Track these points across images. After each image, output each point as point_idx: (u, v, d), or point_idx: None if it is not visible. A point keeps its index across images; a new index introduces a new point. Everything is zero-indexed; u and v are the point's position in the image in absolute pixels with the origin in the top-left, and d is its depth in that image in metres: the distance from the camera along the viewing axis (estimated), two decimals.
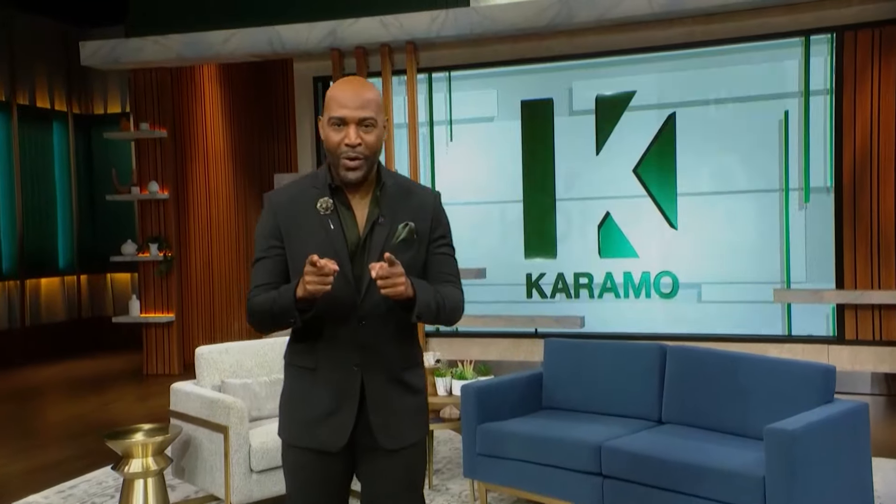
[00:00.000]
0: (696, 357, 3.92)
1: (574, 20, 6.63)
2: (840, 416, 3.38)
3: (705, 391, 3.82)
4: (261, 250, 2.24)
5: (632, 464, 3.52)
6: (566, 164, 7.20)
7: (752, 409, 3.64)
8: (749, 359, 3.81)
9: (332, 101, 2.17)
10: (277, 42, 7.39)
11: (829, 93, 6.45)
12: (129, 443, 3.84)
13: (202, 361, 4.26)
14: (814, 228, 6.52)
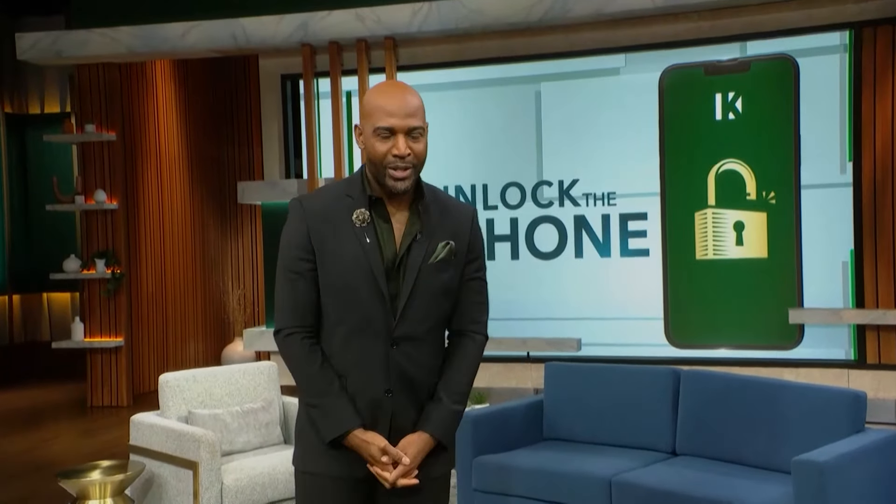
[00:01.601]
0: (713, 382, 3.97)
1: (569, 14, 6.70)
2: (873, 446, 3.44)
3: (724, 420, 3.87)
4: (291, 265, 2.25)
5: (645, 500, 3.56)
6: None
7: (775, 440, 3.69)
8: (771, 384, 3.88)
9: (379, 109, 2.20)
10: (242, 36, 7.39)
11: (846, 91, 6.58)
12: (84, 482, 3.80)
13: (166, 390, 4.22)
14: (831, 237, 6.63)
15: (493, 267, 7.36)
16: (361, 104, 2.30)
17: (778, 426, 3.70)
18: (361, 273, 2.20)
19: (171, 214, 9.18)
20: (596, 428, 4.22)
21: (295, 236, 2.25)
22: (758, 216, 6.77)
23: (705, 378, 4.02)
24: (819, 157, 6.65)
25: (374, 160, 2.22)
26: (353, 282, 2.20)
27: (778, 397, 3.76)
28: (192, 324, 9.46)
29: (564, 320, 7.26)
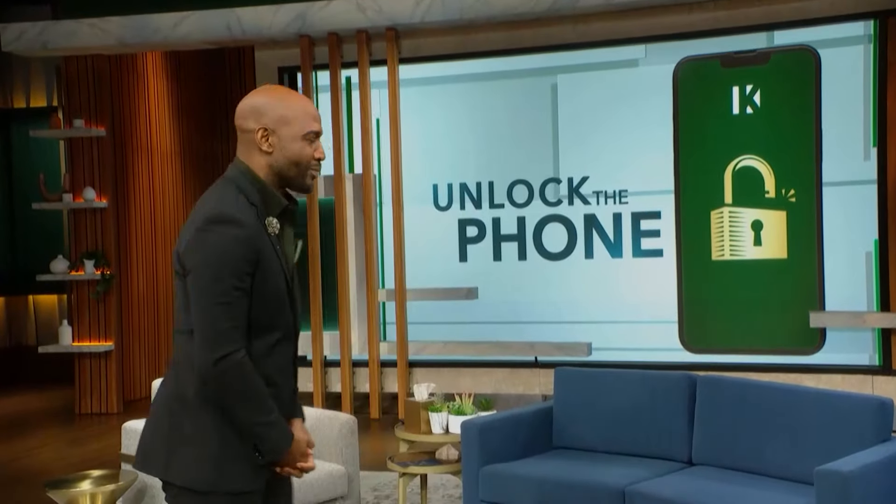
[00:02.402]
0: (731, 389, 3.98)
1: (578, 4, 6.73)
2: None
3: (742, 428, 3.88)
4: (237, 282, 2.17)
5: None
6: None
7: (797, 448, 3.69)
8: (791, 391, 3.89)
9: (305, 114, 2.31)
10: (237, 27, 7.40)
11: (871, 86, 6.58)
12: (74, 492, 3.81)
13: None
14: (854, 238, 6.63)
15: (499, 268, 7.40)
16: (270, 109, 2.28)
17: (799, 434, 3.71)
18: (282, 279, 2.29)
19: (163, 213, 9.19)
20: (608, 436, 4.24)
21: (241, 250, 2.18)
22: (777, 215, 6.77)
23: (722, 384, 4.04)
24: (841, 154, 6.64)
25: (299, 163, 2.30)
26: (281, 287, 2.29)
27: (799, 404, 3.77)
28: None
29: (574, 324, 7.27)
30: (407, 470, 4.33)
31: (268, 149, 2.28)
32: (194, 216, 2.26)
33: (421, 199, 7.62)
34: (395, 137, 7.45)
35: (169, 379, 2.31)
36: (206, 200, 2.29)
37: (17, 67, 10.53)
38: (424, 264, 7.54)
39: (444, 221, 7.62)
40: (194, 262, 2.18)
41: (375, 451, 6.23)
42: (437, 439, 4.38)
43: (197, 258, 2.18)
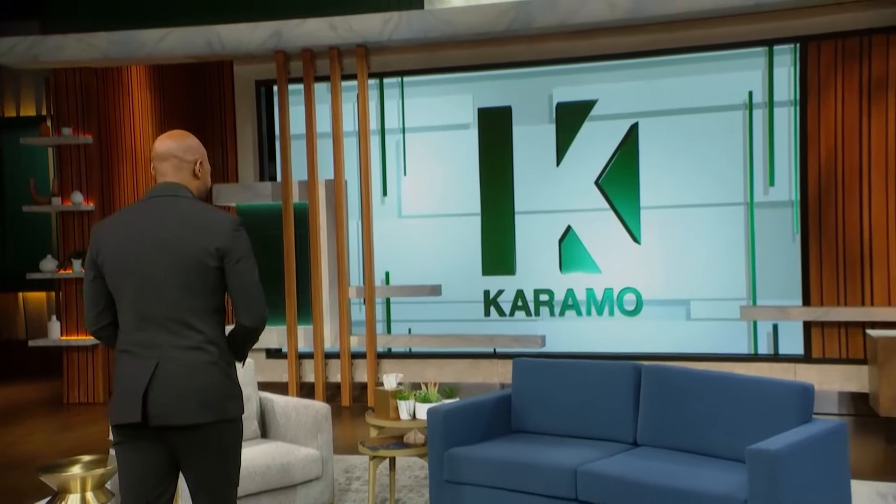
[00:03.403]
0: (672, 376, 4.03)
1: (533, 25, 6.78)
2: (820, 435, 3.52)
3: (682, 412, 3.92)
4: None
5: (609, 488, 3.59)
6: (525, 175, 7.32)
7: (730, 430, 3.75)
8: (726, 378, 3.93)
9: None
10: (217, 42, 7.35)
11: (793, 104, 6.73)
12: (65, 476, 3.75)
13: None
14: (780, 243, 6.78)
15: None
16: (198, 147, 2.86)
17: (732, 417, 3.76)
18: None
19: None
20: (561, 420, 4.25)
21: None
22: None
23: (664, 372, 4.07)
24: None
25: (208, 188, 2.90)
26: None
27: (732, 390, 3.82)
28: None
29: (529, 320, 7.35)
30: (377, 453, 4.33)
31: (199, 175, 2.85)
32: (203, 221, 2.72)
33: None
34: (364, 146, 7.44)
35: (188, 353, 2.68)
36: (194, 212, 2.74)
37: (8, 79, 10.34)
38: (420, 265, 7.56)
39: (414, 225, 7.64)
40: (242, 253, 2.73)
41: (347, 436, 6.23)
42: (405, 425, 4.38)
43: (244, 250, 2.74)
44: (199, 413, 2.64)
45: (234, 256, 2.71)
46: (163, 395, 2.63)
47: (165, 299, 2.67)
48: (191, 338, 2.67)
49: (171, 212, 2.72)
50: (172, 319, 2.67)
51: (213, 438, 2.70)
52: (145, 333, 2.67)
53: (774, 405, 3.68)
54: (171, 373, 2.65)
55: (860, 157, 6.55)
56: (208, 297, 2.70)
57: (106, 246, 2.72)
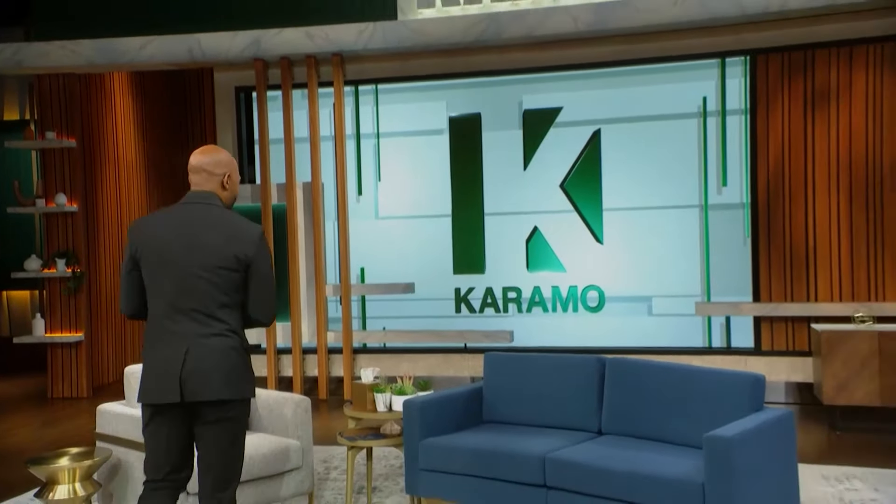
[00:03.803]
0: (634, 369, 4.08)
1: (502, 36, 6.82)
2: (771, 423, 3.59)
3: (643, 402, 3.98)
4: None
5: (576, 475, 3.63)
6: (494, 178, 7.37)
7: (688, 418, 3.81)
8: (684, 370, 4.00)
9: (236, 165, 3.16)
10: (197, 50, 7.30)
11: (744, 112, 6.85)
12: (54, 468, 3.72)
13: (132, 380, 4.15)
14: (732, 243, 6.89)
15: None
16: (228, 161, 3.11)
17: (690, 406, 3.82)
18: None
19: (129, 216, 8.98)
20: (530, 411, 4.29)
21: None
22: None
23: (627, 365, 4.12)
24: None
25: (235, 198, 3.18)
26: None
27: (689, 381, 3.88)
28: None
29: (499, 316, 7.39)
30: (355, 444, 4.34)
31: (227, 186, 3.10)
32: (236, 230, 3.02)
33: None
34: (340, 151, 7.44)
35: (213, 340, 2.97)
36: (232, 222, 3.04)
37: None
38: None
39: (389, 226, 7.65)
40: (263, 260, 3.06)
41: (324, 428, 6.22)
42: (382, 416, 4.39)
43: (265, 258, 3.07)
44: (222, 390, 2.94)
45: (256, 263, 3.03)
46: (193, 375, 2.92)
47: (196, 294, 2.95)
48: (214, 326, 2.96)
49: (205, 218, 3.01)
50: (200, 311, 2.95)
51: (229, 415, 2.99)
52: (176, 324, 2.95)
53: (728, 395, 3.75)
54: (199, 356, 2.93)
55: (805, 163, 6.69)
56: (232, 294, 3.00)
57: (145, 245, 2.99)
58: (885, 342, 5.80)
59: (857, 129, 6.58)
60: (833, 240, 6.64)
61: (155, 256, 2.97)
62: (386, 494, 4.67)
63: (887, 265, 6.53)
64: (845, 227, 6.61)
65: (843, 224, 6.62)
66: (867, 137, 6.56)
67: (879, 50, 6.52)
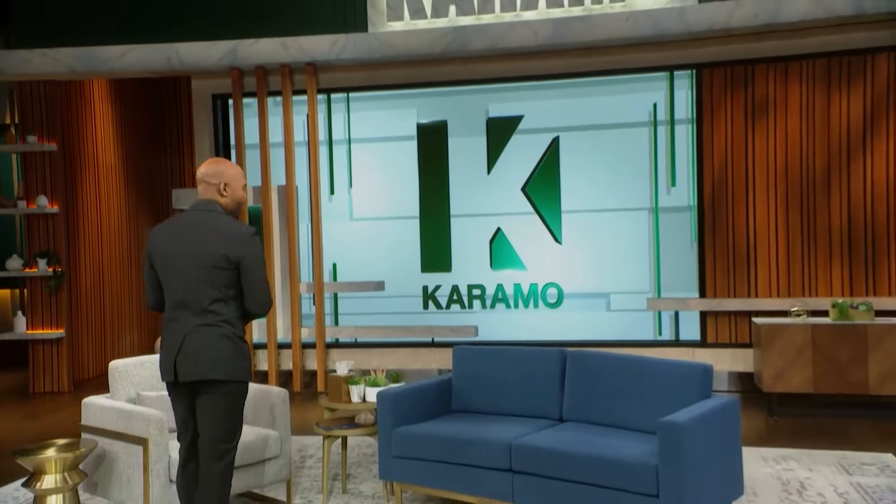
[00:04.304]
0: (593, 360, 4.14)
1: (467, 48, 6.85)
2: (718, 409, 3.68)
3: (601, 391, 4.04)
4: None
5: (540, 459, 3.68)
6: (460, 182, 7.40)
7: (643, 405, 3.88)
8: (638, 361, 4.05)
9: (242, 173, 3.39)
10: (176, 59, 7.20)
11: (690, 122, 6.98)
12: (41, 458, 3.66)
13: (116, 375, 4.11)
14: (680, 243, 7.02)
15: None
16: (223, 171, 3.31)
17: (644, 394, 3.89)
18: None
19: (109, 217, 8.84)
20: (496, 400, 4.32)
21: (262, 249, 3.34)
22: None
23: (586, 356, 4.17)
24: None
25: (240, 203, 3.38)
26: None
27: (644, 371, 3.95)
28: (127, 317, 9.14)
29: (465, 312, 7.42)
30: (331, 433, 4.34)
31: (226, 194, 3.32)
32: (225, 232, 3.22)
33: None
34: (314, 156, 7.41)
35: (206, 329, 3.20)
36: (223, 224, 3.25)
37: None
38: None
39: (361, 227, 7.64)
40: (253, 257, 3.23)
41: (299, 419, 6.19)
42: (356, 407, 4.40)
43: (255, 255, 3.24)
44: (210, 371, 3.19)
45: (247, 261, 3.23)
46: (185, 359, 3.20)
47: (195, 291, 3.20)
48: (208, 318, 3.21)
49: (203, 223, 3.25)
50: (198, 305, 3.20)
51: (221, 393, 3.23)
52: (178, 316, 3.23)
53: (679, 384, 3.82)
54: (191, 343, 3.20)
55: (746, 169, 6.84)
56: (224, 290, 3.22)
57: (155, 248, 3.30)
58: (817, 334, 5.96)
59: (793, 139, 6.74)
60: (771, 240, 6.79)
61: (164, 259, 3.26)
62: (360, 481, 4.67)
63: (819, 263, 6.70)
64: (782, 228, 6.77)
65: (780, 225, 6.78)
66: (801, 146, 6.73)
67: (812, 66, 6.69)
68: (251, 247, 3.24)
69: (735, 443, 3.79)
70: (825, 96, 6.66)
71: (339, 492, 4.48)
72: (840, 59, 6.62)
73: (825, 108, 6.67)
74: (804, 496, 4.28)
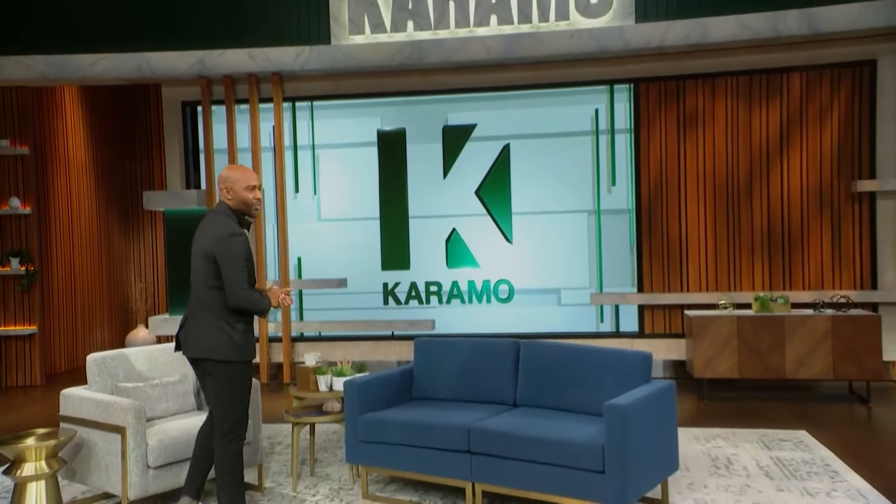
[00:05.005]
0: (544, 350, 4.19)
1: (424, 61, 6.88)
2: (657, 393, 3.77)
3: (552, 378, 4.10)
4: (244, 262, 3.45)
5: (496, 441, 3.71)
6: (418, 186, 7.41)
7: (590, 390, 3.95)
8: (585, 350, 4.12)
9: (248, 176, 3.54)
10: (147, 68, 7.06)
11: (629, 132, 7.13)
12: (21, 447, 3.56)
13: (94, 367, 4.01)
14: (620, 242, 7.16)
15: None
16: (227, 176, 3.50)
17: (591, 381, 3.96)
18: (252, 260, 3.54)
19: (80, 219, 8.60)
20: (455, 388, 4.35)
21: (245, 248, 3.46)
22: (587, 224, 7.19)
23: (538, 346, 4.22)
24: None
25: (245, 202, 3.52)
26: (253, 263, 3.53)
27: (590, 359, 4.02)
28: (98, 313, 8.91)
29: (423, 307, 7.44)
30: (300, 420, 4.31)
31: (229, 196, 3.52)
32: (212, 231, 3.44)
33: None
34: (280, 161, 7.34)
35: (200, 313, 3.46)
36: (215, 224, 3.46)
37: None
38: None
39: (325, 228, 7.58)
40: (225, 255, 3.39)
41: (267, 408, 6.14)
42: (324, 396, 4.38)
43: (227, 253, 3.40)
44: (194, 351, 3.47)
45: (220, 257, 3.42)
46: (184, 337, 3.53)
47: (195, 278, 3.48)
48: (202, 304, 3.47)
49: (207, 221, 3.53)
50: (198, 291, 3.47)
51: (209, 371, 3.45)
52: (190, 296, 3.53)
53: (622, 370, 3.90)
54: (188, 324, 3.51)
55: (678, 174, 7.01)
56: (212, 280, 3.45)
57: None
58: (742, 325, 6.13)
59: (720, 148, 6.94)
60: (701, 240, 6.98)
61: (191, 250, 3.56)
62: (327, 465, 4.66)
63: (743, 261, 6.92)
64: (710, 229, 6.97)
65: (709, 227, 6.97)
66: (727, 155, 6.93)
67: (736, 82, 6.90)
68: (225, 245, 3.40)
69: (671, 423, 3.88)
70: (747, 110, 6.88)
71: (307, 475, 4.46)
72: (760, 76, 6.85)
73: (748, 121, 6.88)
74: (730, 470, 4.42)
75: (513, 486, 3.66)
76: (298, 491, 4.19)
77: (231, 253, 3.39)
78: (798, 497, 3.95)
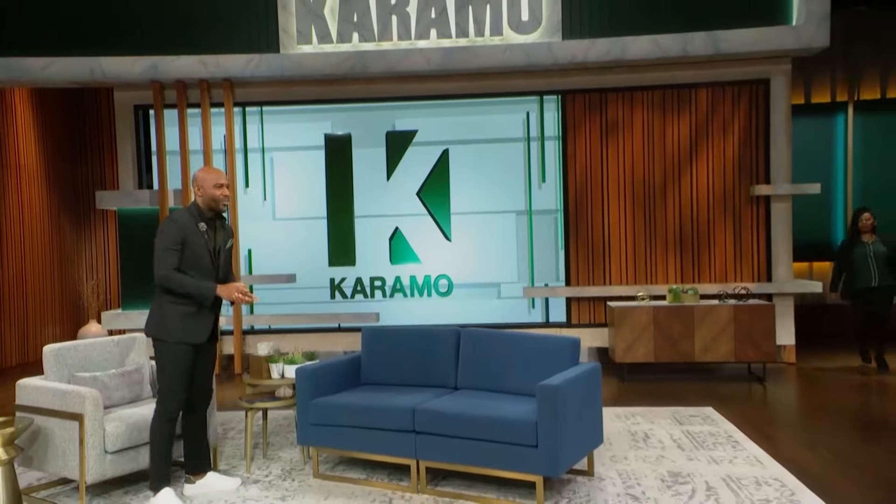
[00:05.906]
0: (482, 337, 4.26)
1: (368, 70, 6.87)
2: (585, 374, 3.87)
3: (489, 362, 4.18)
4: (171, 245, 3.56)
5: (439, 420, 3.75)
6: (363, 187, 7.40)
7: (524, 373, 4.04)
8: (519, 336, 4.20)
9: (218, 176, 3.69)
10: (99, 71, 6.82)
11: (557, 139, 7.29)
12: None
13: (50, 358, 3.87)
14: (549, 240, 7.31)
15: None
16: (199, 177, 3.65)
17: (525, 363, 4.05)
18: (204, 251, 3.63)
19: (31, 218, 8.23)
20: (400, 373, 4.37)
21: (173, 234, 3.58)
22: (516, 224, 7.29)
23: (477, 334, 4.29)
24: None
25: (213, 198, 3.66)
26: (200, 254, 3.62)
27: (525, 345, 4.11)
28: (50, 310, 8.54)
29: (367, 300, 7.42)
30: (254, 406, 4.26)
31: (199, 192, 3.68)
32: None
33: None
34: (230, 162, 7.20)
35: (153, 296, 3.65)
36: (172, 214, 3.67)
37: None
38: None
39: (274, 226, 7.48)
40: (158, 236, 3.57)
41: (219, 397, 6.02)
42: (276, 383, 4.34)
43: (159, 234, 3.59)
44: (146, 328, 3.68)
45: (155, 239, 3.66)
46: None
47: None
48: (155, 289, 3.65)
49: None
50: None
51: (153, 349, 3.64)
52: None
53: (554, 354, 4.00)
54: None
55: (601, 178, 7.21)
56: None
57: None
58: (657, 314, 6.36)
59: (637, 154, 7.17)
60: (621, 237, 7.19)
61: None
62: (278, 448, 4.62)
63: (658, 256, 7.17)
64: (630, 227, 7.19)
65: (629, 225, 7.19)
66: (644, 161, 7.17)
67: (651, 96, 7.15)
68: (159, 229, 3.63)
69: (597, 401, 4.00)
70: (661, 121, 7.13)
71: (260, 457, 4.41)
72: (672, 91, 7.11)
73: (662, 131, 7.14)
74: (648, 443, 4.59)
75: (454, 462, 3.71)
76: (252, 472, 4.14)
77: (159, 235, 3.56)
78: (706, 464, 4.14)
